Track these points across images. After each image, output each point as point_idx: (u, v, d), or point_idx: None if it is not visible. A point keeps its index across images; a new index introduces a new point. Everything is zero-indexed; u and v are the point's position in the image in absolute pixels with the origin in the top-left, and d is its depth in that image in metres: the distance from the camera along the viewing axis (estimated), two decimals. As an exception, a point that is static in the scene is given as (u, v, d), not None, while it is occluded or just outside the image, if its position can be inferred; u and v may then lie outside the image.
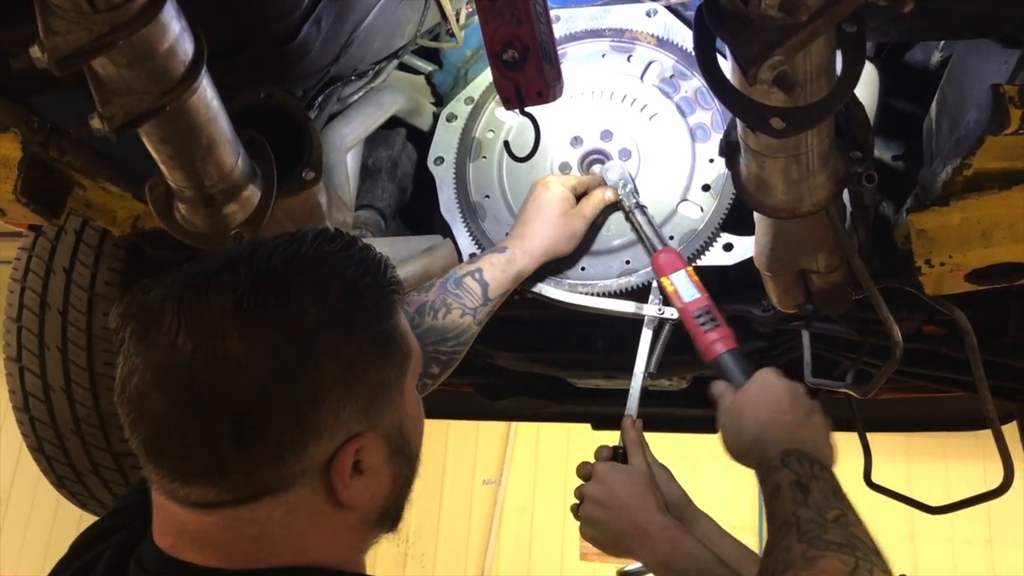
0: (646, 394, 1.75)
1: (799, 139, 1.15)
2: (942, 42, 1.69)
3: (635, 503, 1.51)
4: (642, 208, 1.81)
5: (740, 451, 1.48)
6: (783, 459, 1.33)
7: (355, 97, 1.85)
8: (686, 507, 1.64)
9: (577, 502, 1.61)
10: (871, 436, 2.18)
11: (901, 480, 1.96)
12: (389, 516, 1.06)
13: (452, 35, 1.96)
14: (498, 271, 1.70)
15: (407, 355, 1.05)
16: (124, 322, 0.95)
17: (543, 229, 1.75)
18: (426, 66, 2.12)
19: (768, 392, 1.51)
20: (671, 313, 1.76)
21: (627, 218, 1.82)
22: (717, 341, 1.63)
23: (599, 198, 1.81)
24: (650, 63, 1.92)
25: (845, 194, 1.47)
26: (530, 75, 1.33)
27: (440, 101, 2.14)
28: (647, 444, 1.66)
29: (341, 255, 1.00)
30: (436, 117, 2.08)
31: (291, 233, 1.02)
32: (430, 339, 1.61)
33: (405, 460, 1.05)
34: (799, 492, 1.27)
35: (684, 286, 1.68)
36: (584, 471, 1.62)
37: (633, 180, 1.84)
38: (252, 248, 0.98)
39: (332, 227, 1.66)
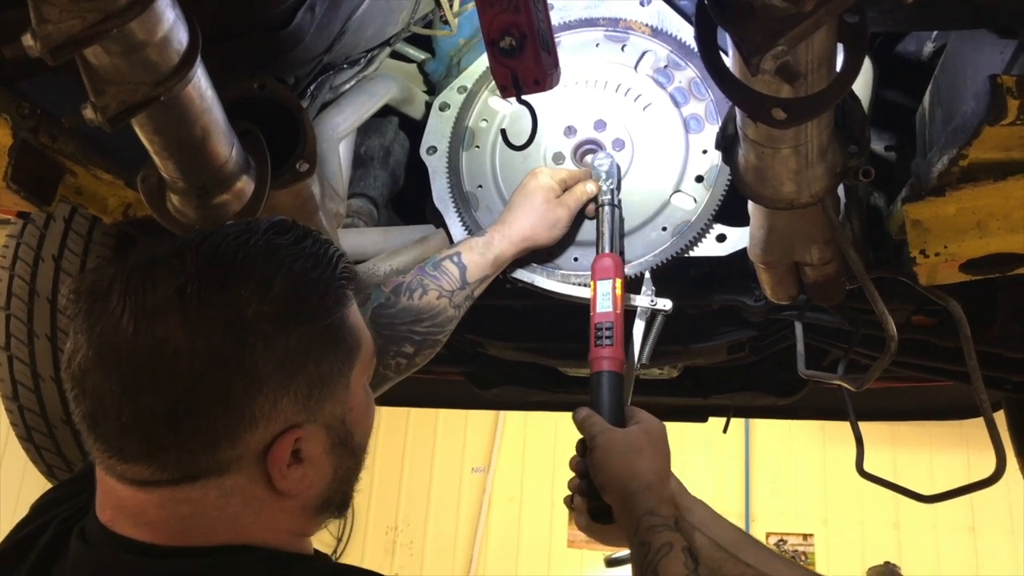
0: (637, 383, 1.76)
1: (799, 130, 1.15)
2: (934, 33, 1.69)
3: None
4: (613, 207, 1.79)
5: (618, 483, 1.45)
6: (676, 522, 1.37)
7: (347, 86, 1.84)
8: (680, 495, 1.64)
9: (570, 493, 1.61)
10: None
11: (887, 469, 1.98)
12: (333, 504, 1.07)
13: (446, 23, 1.95)
14: (476, 254, 1.71)
15: (354, 349, 1.06)
16: (76, 299, 0.97)
17: (524, 215, 1.76)
18: (419, 54, 2.10)
19: (662, 443, 1.52)
20: (664, 304, 1.76)
21: (596, 211, 1.81)
22: (604, 359, 1.62)
23: (581, 190, 1.80)
24: (644, 53, 1.91)
25: (839, 187, 1.47)
26: (527, 63, 1.33)
27: (432, 90, 2.13)
28: None
29: (292, 247, 1.01)
30: (428, 106, 2.07)
31: (247, 222, 1.03)
32: (404, 319, 1.63)
33: (348, 452, 1.06)
34: (691, 560, 1.31)
35: (603, 296, 1.68)
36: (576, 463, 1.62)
37: (619, 176, 1.83)
38: (204, 236, 1.00)
39: (325, 217, 1.67)
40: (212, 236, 0.99)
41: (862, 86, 1.73)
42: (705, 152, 1.83)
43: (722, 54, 1.05)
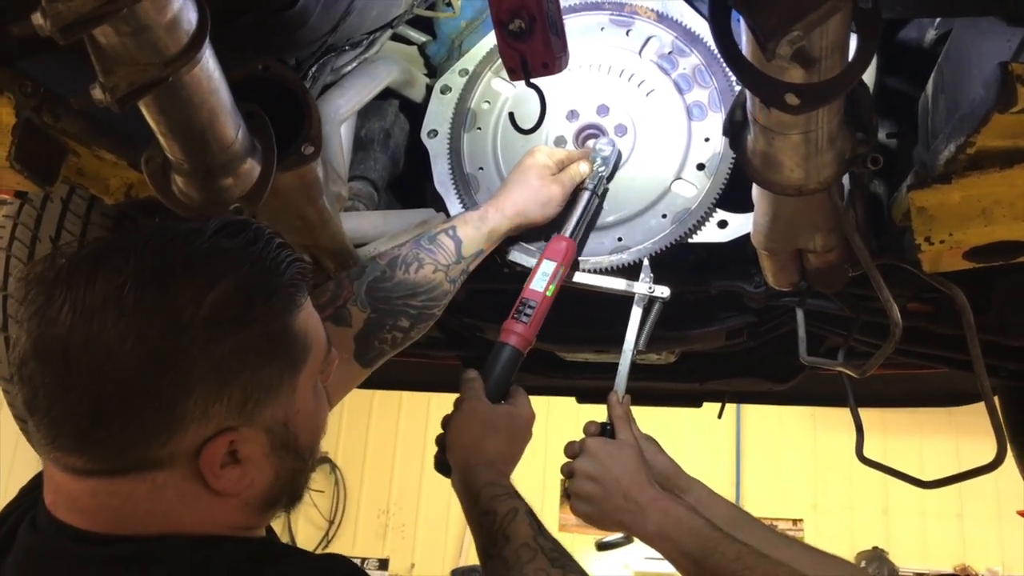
0: (633, 368, 1.76)
1: (809, 116, 1.15)
2: (937, 20, 1.68)
3: (627, 477, 1.53)
4: (592, 194, 1.79)
5: (462, 450, 1.54)
6: (516, 492, 1.44)
7: (349, 68, 1.83)
8: (677, 476, 1.66)
9: (565, 478, 1.62)
10: (845, 412, 2.20)
11: (878, 455, 1.99)
12: (279, 502, 1.08)
13: (448, 4, 1.94)
14: (471, 228, 1.72)
15: (302, 354, 1.05)
16: (24, 287, 0.98)
17: (517, 191, 1.76)
18: (419, 37, 2.09)
19: (521, 431, 1.60)
20: (662, 291, 1.77)
21: (576, 191, 1.81)
22: (513, 333, 1.66)
23: (576, 170, 1.80)
24: (649, 38, 1.90)
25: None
26: (536, 46, 1.32)
27: (433, 73, 2.12)
28: (634, 418, 1.68)
29: (238, 251, 1.01)
30: (429, 89, 2.06)
31: (200, 222, 1.03)
32: (399, 293, 1.63)
33: (292, 454, 1.06)
34: (535, 523, 1.38)
35: (541, 276, 1.71)
36: (572, 450, 1.63)
37: (616, 165, 1.83)
38: (151, 234, 1.00)
39: (328, 200, 1.66)
40: (159, 236, 1.00)
41: (867, 74, 1.73)
42: (707, 140, 1.83)
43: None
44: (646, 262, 1.80)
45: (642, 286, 1.77)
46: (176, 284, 0.96)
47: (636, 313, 1.77)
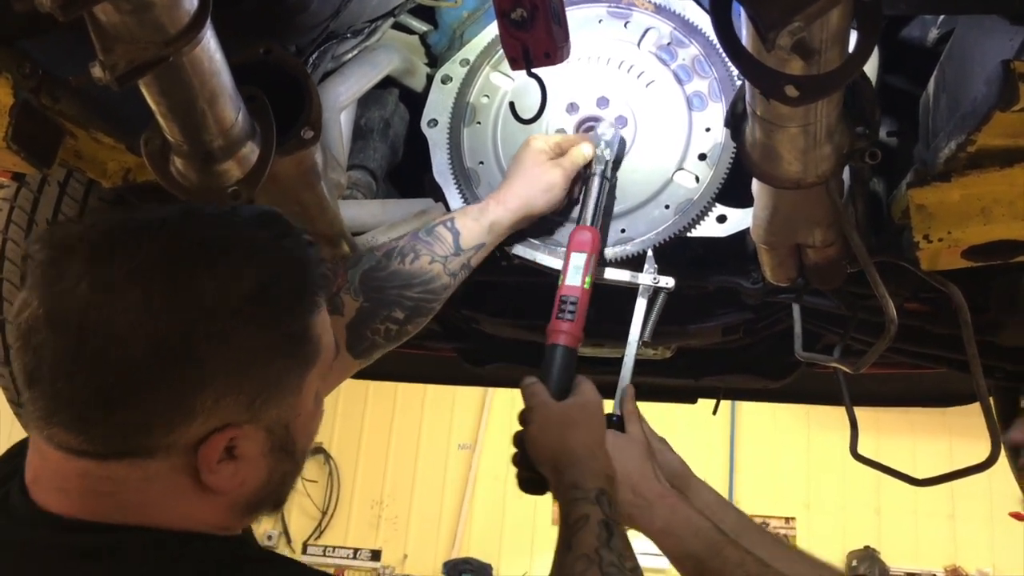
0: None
1: (808, 109, 1.15)
2: (940, 19, 1.68)
3: (636, 472, 1.52)
4: (603, 178, 1.77)
5: (549, 456, 1.50)
6: (597, 496, 1.39)
7: (349, 55, 1.82)
8: (686, 477, 1.65)
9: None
10: (839, 411, 2.20)
11: (871, 454, 2.01)
12: (265, 505, 1.06)
13: (451, -6, 1.93)
14: (470, 220, 1.69)
15: (311, 356, 1.04)
16: (39, 250, 0.94)
17: (518, 182, 1.74)
18: (421, 26, 2.08)
19: (596, 417, 1.56)
20: (667, 282, 1.76)
21: (585, 179, 1.79)
22: (562, 332, 1.64)
23: (578, 153, 1.77)
24: (648, 29, 1.90)
25: (844, 171, 1.47)
26: (538, 35, 1.32)
27: (434, 62, 2.11)
28: (643, 416, 1.67)
29: (270, 245, 0.99)
30: (430, 79, 2.05)
31: (231, 208, 1.02)
32: (394, 282, 1.61)
33: (287, 456, 1.04)
34: (604, 532, 1.33)
35: (574, 270, 1.68)
36: None
37: (621, 151, 1.82)
38: (184, 214, 0.97)
39: (327, 187, 1.65)
40: (193, 217, 0.97)
41: (869, 71, 1.73)
42: (708, 130, 1.82)
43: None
44: (650, 253, 1.79)
45: (647, 277, 1.76)
46: (206, 271, 0.93)
47: (641, 304, 1.76)
